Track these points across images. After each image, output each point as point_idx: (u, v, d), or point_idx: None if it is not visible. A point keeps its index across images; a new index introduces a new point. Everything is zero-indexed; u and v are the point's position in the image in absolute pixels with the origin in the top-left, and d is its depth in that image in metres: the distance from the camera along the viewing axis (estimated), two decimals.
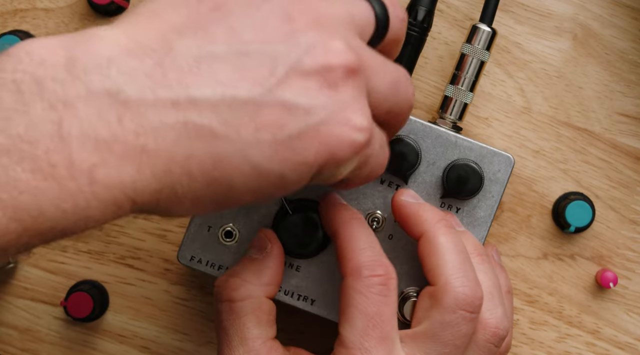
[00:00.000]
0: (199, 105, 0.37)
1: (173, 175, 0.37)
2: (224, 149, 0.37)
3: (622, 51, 0.58)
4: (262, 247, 0.51)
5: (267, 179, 0.39)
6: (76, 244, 0.58)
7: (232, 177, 0.38)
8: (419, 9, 0.54)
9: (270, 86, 0.38)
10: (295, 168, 0.39)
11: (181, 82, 0.37)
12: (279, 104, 0.38)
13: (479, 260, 0.51)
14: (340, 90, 0.39)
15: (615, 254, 0.58)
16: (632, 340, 0.58)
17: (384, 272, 0.48)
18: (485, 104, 0.58)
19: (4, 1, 0.58)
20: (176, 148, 0.37)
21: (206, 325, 0.59)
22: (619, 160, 0.58)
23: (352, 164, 0.41)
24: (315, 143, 0.39)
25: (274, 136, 0.38)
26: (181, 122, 0.37)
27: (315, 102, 0.39)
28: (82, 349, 0.58)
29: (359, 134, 0.40)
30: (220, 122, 0.37)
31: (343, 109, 0.39)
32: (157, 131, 0.36)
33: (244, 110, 0.38)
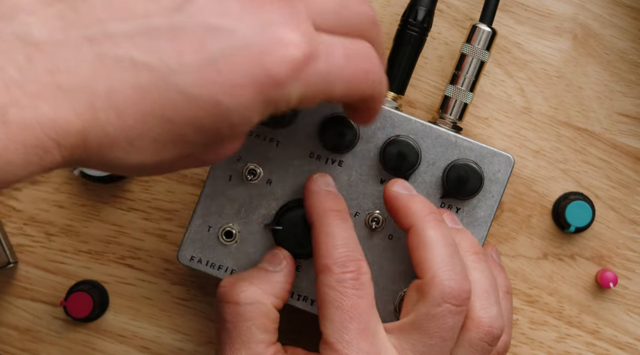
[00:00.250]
0: (115, 38, 0.36)
1: (97, 112, 0.36)
2: (146, 79, 0.37)
3: (622, 51, 0.58)
4: (277, 262, 0.51)
5: (200, 106, 0.38)
6: (76, 244, 0.58)
7: (162, 107, 0.37)
8: (419, 9, 0.54)
9: (189, 10, 0.38)
10: (229, 92, 0.38)
11: (94, 18, 0.37)
12: (199, 27, 0.38)
13: (474, 258, 0.50)
14: (266, 9, 0.39)
15: (615, 254, 0.58)
16: (632, 340, 0.58)
17: (356, 268, 0.48)
18: (485, 104, 0.58)
19: None
20: (95, 83, 0.36)
21: (206, 325, 0.59)
22: (619, 160, 0.58)
23: (301, 84, 0.40)
24: (244, 64, 0.38)
25: (197, 59, 0.37)
26: (97, 56, 0.36)
27: (238, 22, 0.38)
28: (82, 349, 0.58)
29: (294, 49, 0.39)
30: (139, 52, 0.37)
31: (271, 26, 0.39)
32: (72, 68, 0.36)
33: (162, 37, 0.37)
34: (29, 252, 0.58)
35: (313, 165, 0.53)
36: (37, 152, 0.35)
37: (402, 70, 0.54)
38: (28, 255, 0.58)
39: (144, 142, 0.38)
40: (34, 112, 0.35)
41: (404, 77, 0.55)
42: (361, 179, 0.53)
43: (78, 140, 0.36)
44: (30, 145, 0.35)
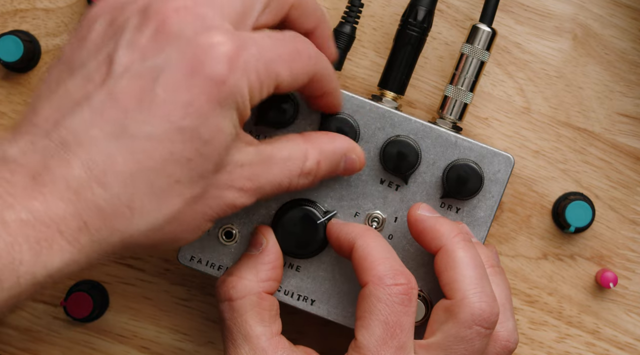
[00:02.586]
0: (70, 128, 0.40)
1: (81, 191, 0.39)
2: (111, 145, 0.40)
3: (622, 51, 0.58)
4: (258, 243, 0.51)
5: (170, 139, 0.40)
6: None
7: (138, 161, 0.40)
8: (419, 9, 0.54)
9: (114, 73, 0.41)
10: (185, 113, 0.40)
11: (49, 122, 0.41)
12: (129, 79, 0.40)
13: (491, 271, 0.51)
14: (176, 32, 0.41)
15: (615, 254, 0.58)
16: (632, 340, 0.58)
17: (407, 281, 0.48)
18: (485, 104, 0.58)
19: (4, 1, 0.58)
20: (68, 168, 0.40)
21: (206, 325, 0.59)
22: (619, 160, 0.58)
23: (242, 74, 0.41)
24: (180, 81, 0.40)
25: (141, 103, 0.40)
26: (63, 149, 0.40)
27: (160, 55, 0.41)
28: (82, 349, 0.58)
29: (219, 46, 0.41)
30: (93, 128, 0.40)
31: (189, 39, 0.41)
32: (48, 166, 0.40)
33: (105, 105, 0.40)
34: None
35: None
36: (41, 244, 0.38)
37: (402, 70, 0.54)
38: None
39: (140, 200, 0.40)
40: (27, 210, 0.38)
41: (404, 77, 0.55)
42: (361, 179, 0.53)
43: (78, 222, 0.39)
44: (32, 239, 0.38)
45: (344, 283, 0.53)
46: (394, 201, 0.53)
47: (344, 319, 0.53)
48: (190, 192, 0.41)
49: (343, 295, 0.53)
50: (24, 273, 0.38)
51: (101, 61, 0.42)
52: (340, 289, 0.53)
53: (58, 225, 0.38)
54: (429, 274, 0.52)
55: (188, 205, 0.42)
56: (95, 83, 0.41)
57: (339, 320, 0.53)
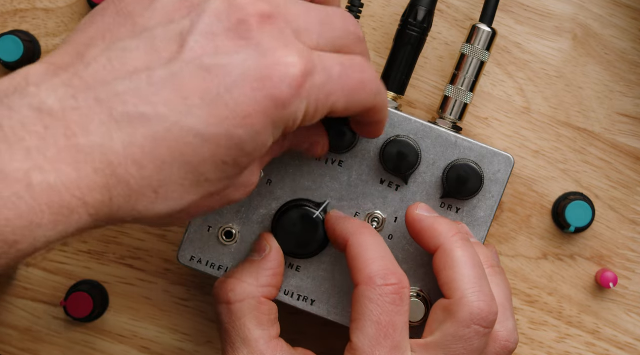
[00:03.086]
0: (122, 95, 0.38)
1: (117, 168, 0.38)
2: (159, 128, 0.38)
3: (622, 51, 0.58)
4: (262, 249, 0.51)
5: (215, 143, 0.39)
6: (76, 244, 0.58)
7: (179, 152, 0.39)
8: (419, 9, 0.54)
9: (185, 56, 0.39)
10: (240, 124, 0.39)
11: (99, 81, 0.38)
12: (197, 69, 0.39)
13: (491, 271, 0.51)
14: (256, 37, 0.40)
15: (615, 254, 0.58)
16: (632, 340, 0.58)
17: (398, 281, 0.48)
18: (485, 104, 0.58)
19: (4, 1, 0.58)
20: (110, 141, 0.38)
21: (206, 325, 0.59)
22: (619, 160, 0.58)
23: (305, 99, 0.41)
24: (246, 92, 0.39)
25: (203, 99, 0.39)
26: (107, 115, 0.38)
27: (233, 56, 0.40)
28: (82, 349, 0.58)
29: (291, 68, 0.40)
30: (147, 104, 0.38)
31: (265, 51, 0.40)
32: (87, 130, 0.37)
33: (166, 86, 0.39)
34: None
35: (313, 165, 0.53)
36: (63, 212, 0.37)
37: (402, 70, 0.54)
38: None
39: (168, 188, 0.40)
40: (57, 174, 0.36)
41: (404, 77, 0.55)
42: (361, 179, 0.53)
43: (104, 197, 0.38)
44: (56, 206, 0.37)
45: (344, 283, 0.53)
46: (394, 201, 0.53)
47: (344, 319, 0.53)
48: (211, 190, 0.41)
49: (343, 295, 0.53)
50: (40, 236, 0.37)
51: (171, 36, 0.40)
52: (340, 289, 0.53)
53: (85, 196, 0.37)
54: (428, 274, 0.52)
55: (204, 199, 0.42)
56: (161, 58, 0.39)
57: (339, 320, 0.53)
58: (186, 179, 0.40)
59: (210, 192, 0.41)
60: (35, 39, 0.58)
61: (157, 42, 0.40)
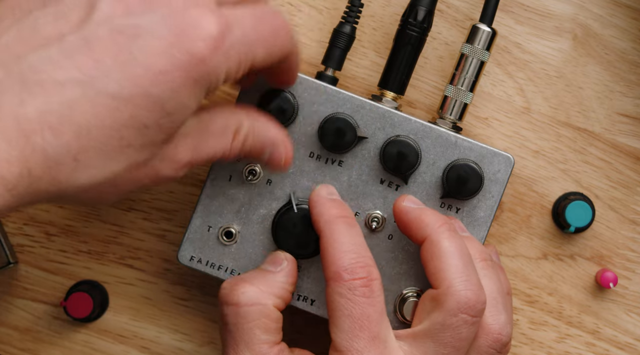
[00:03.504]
0: (33, 65, 0.38)
1: (31, 135, 0.37)
2: (74, 93, 0.38)
3: (622, 51, 0.58)
4: (278, 263, 0.51)
5: (134, 103, 0.39)
6: (76, 244, 0.58)
7: (96, 116, 0.38)
8: (419, 9, 0.54)
9: (95, 19, 0.39)
10: (156, 81, 0.39)
11: (11, 54, 0.38)
12: (108, 31, 0.39)
13: (483, 265, 0.51)
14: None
15: (615, 254, 0.58)
16: (632, 340, 0.58)
17: (366, 274, 0.47)
18: (485, 104, 0.58)
19: None
20: (22, 109, 0.37)
21: (206, 325, 0.59)
22: (619, 160, 0.58)
23: (224, 56, 0.41)
24: (164, 51, 0.39)
25: (115, 60, 0.38)
26: (19, 84, 0.37)
27: (145, 16, 0.39)
28: (82, 349, 0.58)
29: (207, 25, 0.40)
30: (59, 70, 0.38)
31: (179, 11, 0.40)
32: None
33: (77, 51, 0.38)
34: (29, 252, 0.58)
35: (313, 165, 0.53)
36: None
37: (402, 70, 0.54)
38: (28, 255, 0.58)
39: (88, 154, 0.39)
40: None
41: (404, 77, 0.55)
42: (361, 179, 0.53)
43: (21, 169, 0.37)
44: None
45: None
46: (394, 201, 0.53)
47: None
48: (136, 158, 0.40)
49: None
50: None
51: (80, 1, 0.40)
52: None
53: (1, 170, 0.36)
54: None
55: (129, 170, 0.41)
56: (71, 24, 0.39)
57: None
58: (107, 144, 0.39)
59: (135, 161, 0.41)
60: None
61: (66, 9, 0.40)
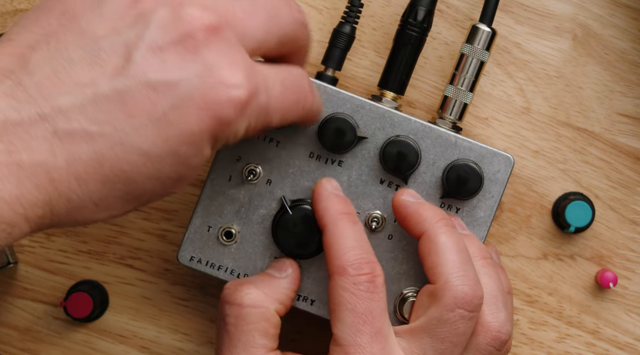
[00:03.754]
0: (65, 111, 0.38)
1: (59, 184, 0.38)
2: (103, 146, 0.38)
3: (622, 51, 0.58)
4: (283, 269, 0.51)
5: (160, 161, 0.40)
6: (76, 244, 0.58)
7: (122, 170, 0.39)
8: (419, 9, 0.54)
9: (131, 71, 0.39)
10: (184, 141, 0.40)
11: (43, 94, 0.38)
12: (143, 86, 0.39)
13: (483, 263, 0.51)
14: (203, 53, 0.40)
15: (615, 254, 0.58)
16: (632, 340, 0.58)
17: (370, 270, 0.48)
18: (485, 104, 0.58)
19: (4, 1, 0.58)
20: (52, 157, 0.38)
21: (206, 325, 0.59)
22: (618, 160, 0.58)
23: (247, 119, 0.42)
24: (193, 111, 0.39)
25: (149, 118, 0.39)
26: (51, 132, 0.38)
27: (179, 73, 0.39)
28: (82, 349, 0.58)
29: (237, 90, 0.40)
30: (91, 122, 0.38)
31: (212, 69, 0.40)
32: (29, 145, 0.37)
33: (110, 103, 0.38)
34: (29, 252, 0.58)
35: (313, 165, 0.53)
36: (4, 227, 0.37)
37: (402, 70, 0.54)
38: (28, 255, 0.58)
39: (109, 201, 0.40)
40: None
41: (403, 77, 0.55)
42: (361, 179, 0.53)
43: (45, 211, 0.38)
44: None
45: None
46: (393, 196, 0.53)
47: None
48: (153, 200, 0.42)
49: None
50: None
51: (117, 49, 0.39)
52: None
53: (27, 212, 0.37)
54: None
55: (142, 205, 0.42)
56: (105, 72, 0.39)
57: None
58: (129, 193, 0.40)
59: (150, 201, 0.42)
60: None
61: (102, 55, 0.39)
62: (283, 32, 0.44)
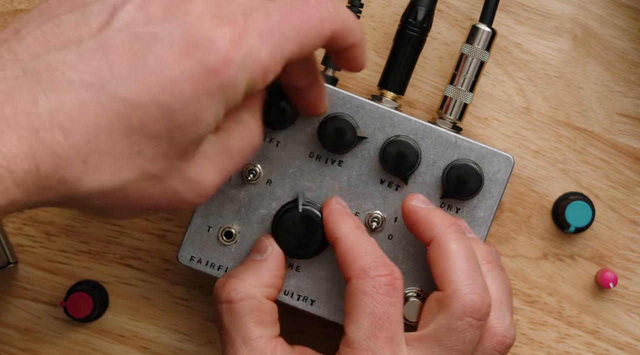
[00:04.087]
0: (50, 64, 0.38)
1: (42, 133, 0.37)
2: (86, 95, 0.38)
3: (622, 51, 0.58)
4: (262, 249, 0.51)
5: (144, 111, 0.39)
6: (76, 244, 0.58)
7: (107, 120, 0.39)
8: (419, 9, 0.54)
9: (115, 25, 0.40)
10: (167, 89, 0.39)
11: (29, 53, 0.39)
12: (126, 38, 0.39)
13: (489, 267, 0.51)
14: (187, 7, 0.40)
15: (615, 254, 0.58)
16: (632, 340, 0.58)
17: (389, 272, 0.48)
18: (485, 104, 0.58)
19: (4, 1, 0.58)
20: (35, 107, 0.37)
21: (206, 325, 0.59)
22: (618, 160, 0.58)
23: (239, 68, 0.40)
24: (175, 59, 0.39)
25: (130, 66, 0.39)
26: (34, 83, 0.38)
27: (162, 25, 0.40)
28: (82, 349, 0.58)
29: (218, 38, 0.40)
30: (75, 72, 0.38)
31: (194, 21, 0.40)
32: (12, 98, 0.37)
33: (94, 54, 0.39)
34: (29, 252, 0.58)
35: (313, 165, 0.53)
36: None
37: (402, 71, 0.54)
38: (28, 255, 0.58)
39: (97, 158, 0.39)
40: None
41: (403, 77, 0.55)
42: (361, 179, 0.53)
43: (30, 164, 0.37)
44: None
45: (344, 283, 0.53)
46: (394, 201, 0.53)
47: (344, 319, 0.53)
48: (148, 169, 0.40)
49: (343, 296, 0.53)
50: None
51: (104, 8, 0.40)
52: (340, 289, 0.53)
53: (9, 164, 0.37)
54: (429, 275, 0.52)
55: (141, 180, 0.41)
56: (92, 28, 0.40)
57: (339, 321, 0.53)
58: (116, 148, 0.39)
59: (148, 172, 0.40)
60: None
61: (91, 15, 0.40)
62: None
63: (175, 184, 0.42)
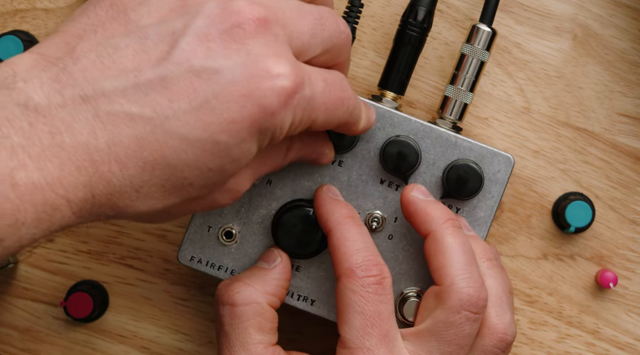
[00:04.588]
0: (109, 94, 0.38)
1: (99, 166, 0.38)
2: (143, 130, 0.38)
3: (622, 51, 0.58)
4: (271, 259, 0.51)
5: (200, 148, 0.39)
6: (76, 244, 0.58)
7: (163, 155, 0.39)
8: (419, 9, 0.54)
9: (175, 58, 0.39)
10: (226, 129, 0.39)
11: (86, 78, 0.38)
12: (186, 72, 0.39)
13: (488, 264, 0.51)
14: (250, 43, 0.40)
15: (615, 254, 0.58)
16: (632, 340, 0.58)
17: (378, 272, 0.48)
18: (485, 104, 0.58)
19: (4, 1, 0.58)
20: (94, 139, 0.38)
21: (206, 325, 0.59)
22: (618, 160, 0.58)
23: (292, 111, 0.41)
24: (236, 100, 0.39)
25: (190, 103, 0.39)
26: (93, 114, 0.38)
27: (224, 61, 0.39)
28: (82, 349, 0.58)
29: (282, 80, 0.40)
30: (133, 105, 0.38)
31: (257, 59, 0.40)
32: (71, 127, 0.37)
33: (153, 88, 0.39)
34: (29, 252, 0.58)
35: (312, 165, 0.53)
36: (46, 210, 0.37)
37: (402, 71, 0.54)
38: (28, 255, 0.58)
39: (150, 188, 0.40)
40: (40, 173, 0.37)
41: (403, 77, 0.55)
42: (361, 179, 0.53)
43: (86, 194, 0.38)
44: (39, 204, 0.37)
45: None
46: (394, 201, 0.53)
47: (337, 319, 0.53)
48: (194, 195, 0.41)
49: None
50: (24, 234, 0.37)
51: (163, 37, 0.40)
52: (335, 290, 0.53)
53: (68, 194, 0.37)
54: (428, 275, 0.52)
55: (186, 202, 0.42)
56: (151, 59, 0.39)
57: None
58: (168, 180, 0.40)
59: (193, 196, 0.41)
60: (35, 39, 0.58)
61: (148, 42, 0.40)
62: (328, 40, 0.44)
63: (215, 197, 0.43)
